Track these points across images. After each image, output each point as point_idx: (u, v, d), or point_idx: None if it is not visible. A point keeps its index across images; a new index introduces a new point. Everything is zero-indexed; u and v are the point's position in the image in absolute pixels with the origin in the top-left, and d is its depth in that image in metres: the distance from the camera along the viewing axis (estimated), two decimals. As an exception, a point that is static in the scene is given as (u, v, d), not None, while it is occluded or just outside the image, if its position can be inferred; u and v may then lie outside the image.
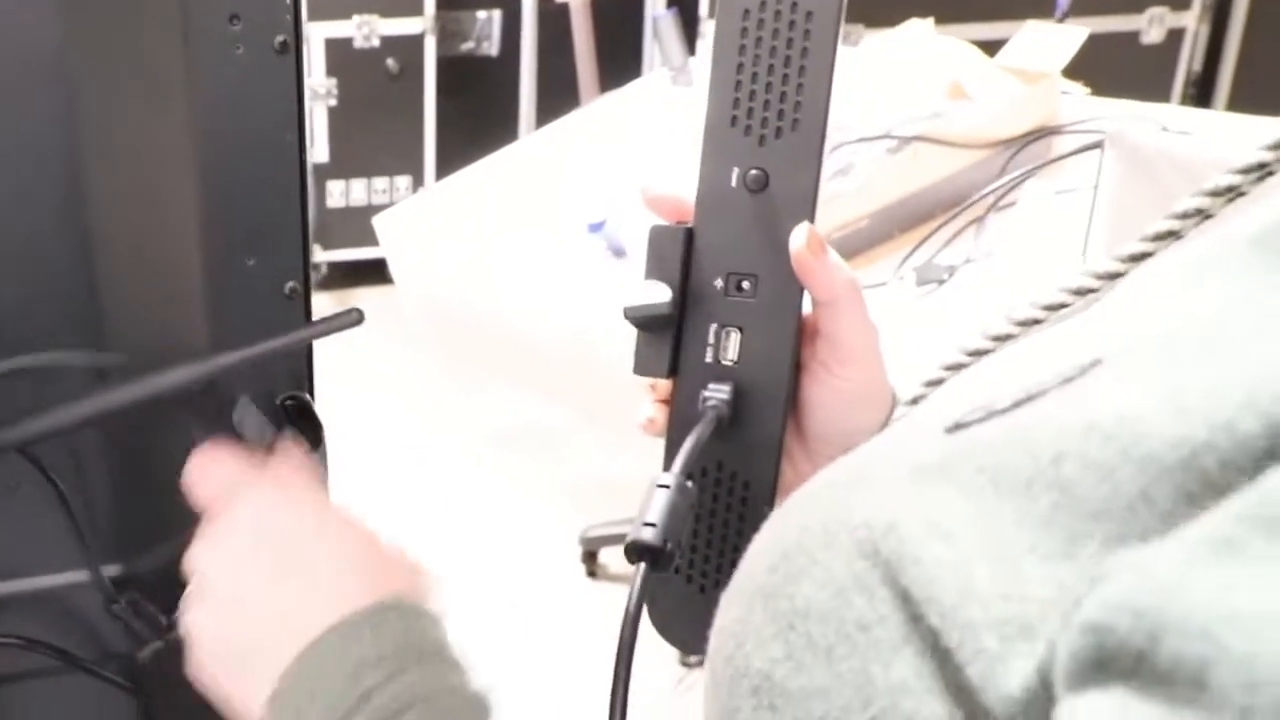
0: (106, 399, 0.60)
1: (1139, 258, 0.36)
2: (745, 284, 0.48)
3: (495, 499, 2.41)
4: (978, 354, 0.40)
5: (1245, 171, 0.35)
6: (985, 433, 0.28)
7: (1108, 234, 0.88)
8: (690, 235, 0.47)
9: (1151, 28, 3.22)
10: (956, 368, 0.41)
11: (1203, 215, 0.35)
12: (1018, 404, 0.29)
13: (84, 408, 0.60)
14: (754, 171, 0.45)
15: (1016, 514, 0.25)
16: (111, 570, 0.71)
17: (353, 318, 0.60)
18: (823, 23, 0.44)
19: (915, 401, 0.42)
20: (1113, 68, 2.35)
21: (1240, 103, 3.31)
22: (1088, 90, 1.46)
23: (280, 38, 0.65)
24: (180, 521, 0.74)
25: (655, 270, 0.48)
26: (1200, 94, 3.39)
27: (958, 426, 0.30)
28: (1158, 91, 3.21)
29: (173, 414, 0.66)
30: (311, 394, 0.71)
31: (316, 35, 3.18)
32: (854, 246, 1.22)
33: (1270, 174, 0.34)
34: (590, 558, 2.17)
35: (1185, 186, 0.85)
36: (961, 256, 1.17)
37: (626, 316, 0.47)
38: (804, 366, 0.48)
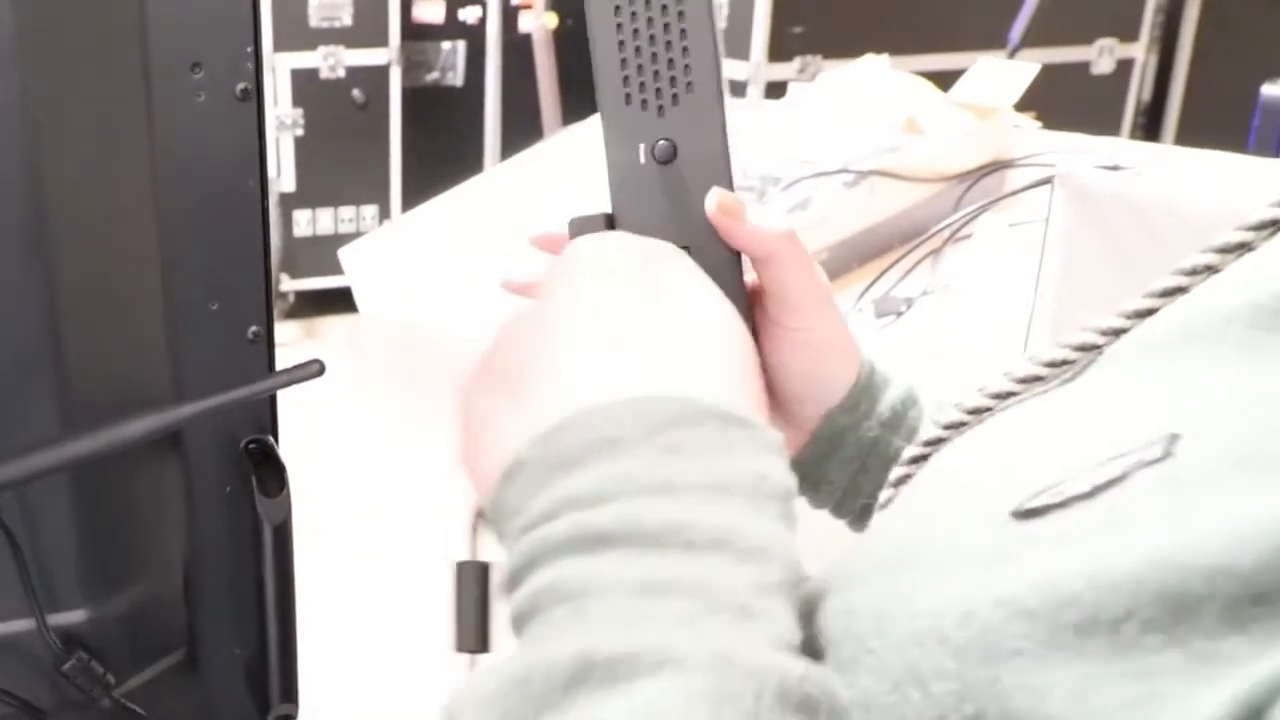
0: (70, 449, 0.60)
1: (1144, 314, 0.35)
2: None
3: (460, 526, 2.40)
4: (1001, 397, 0.38)
5: (1257, 228, 0.34)
6: (1069, 523, 0.27)
7: (1059, 270, 0.91)
8: (611, 220, 0.44)
9: (1101, 58, 3.30)
10: (979, 411, 0.38)
11: (1211, 271, 0.34)
12: (1098, 489, 0.27)
13: (47, 458, 0.60)
14: (661, 143, 0.43)
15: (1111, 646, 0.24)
16: (76, 616, 0.71)
17: (313, 369, 0.60)
18: None
19: (932, 444, 0.39)
20: (1064, 98, 2.41)
21: (1189, 129, 3.40)
22: (1039, 123, 1.50)
23: (241, 85, 0.66)
24: (142, 567, 0.74)
25: None
26: (1150, 123, 3.47)
27: (1030, 513, 0.28)
28: (1109, 121, 3.29)
29: (135, 462, 0.66)
30: (275, 436, 0.72)
31: (282, 66, 3.18)
32: (814, 279, 1.24)
33: None
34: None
35: (1132, 225, 0.88)
36: (919, 289, 1.19)
37: None
38: (760, 329, 0.45)
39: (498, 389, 0.35)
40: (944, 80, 1.50)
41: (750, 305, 0.46)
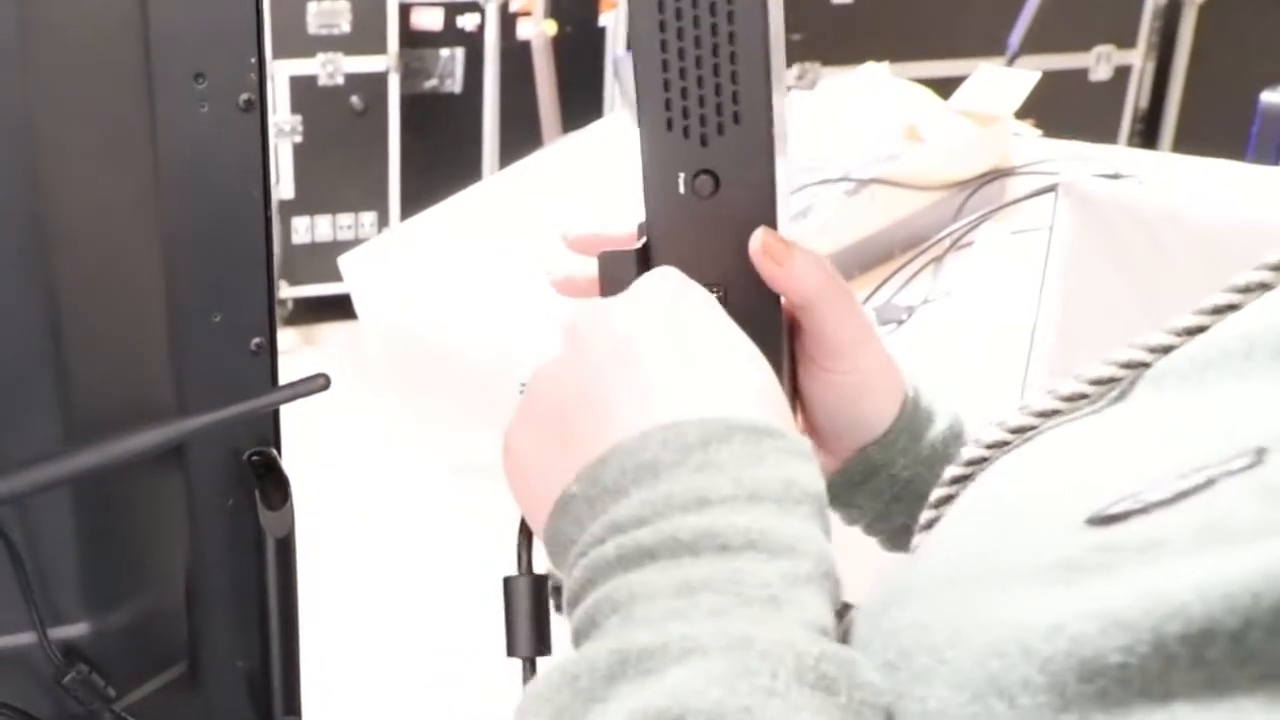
0: (72, 462, 0.60)
1: (1194, 331, 0.35)
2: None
3: (462, 533, 2.40)
4: (1046, 415, 0.38)
5: None
6: (1153, 530, 0.26)
7: (1063, 278, 0.91)
8: (644, 256, 0.43)
9: (1099, 65, 3.31)
10: (1023, 430, 0.38)
11: (1265, 289, 0.34)
12: (1181, 495, 0.27)
13: (49, 471, 0.60)
14: (701, 175, 0.41)
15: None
16: (78, 629, 0.71)
17: (319, 383, 0.60)
18: (748, 2, 0.40)
19: (974, 463, 0.39)
20: (1063, 105, 2.41)
21: (1187, 136, 3.40)
22: (1039, 131, 1.50)
23: (245, 96, 0.66)
24: (144, 580, 0.74)
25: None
26: (1148, 129, 3.48)
27: (1108, 519, 0.28)
28: (1107, 127, 3.30)
29: (137, 475, 0.65)
30: (278, 449, 0.71)
31: (281, 73, 3.18)
32: (815, 287, 1.24)
33: None
34: (559, 591, 2.16)
35: (1135, 233, 0.88)
36: (920, 297, 1.19)
37: None
38: (799, 365, 0.45)
39: (544, 432, 0.37)
40: (944, 87, 1.50)
41: (790, 342, 0.44)
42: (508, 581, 0.44)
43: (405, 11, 3.25)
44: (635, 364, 0.36)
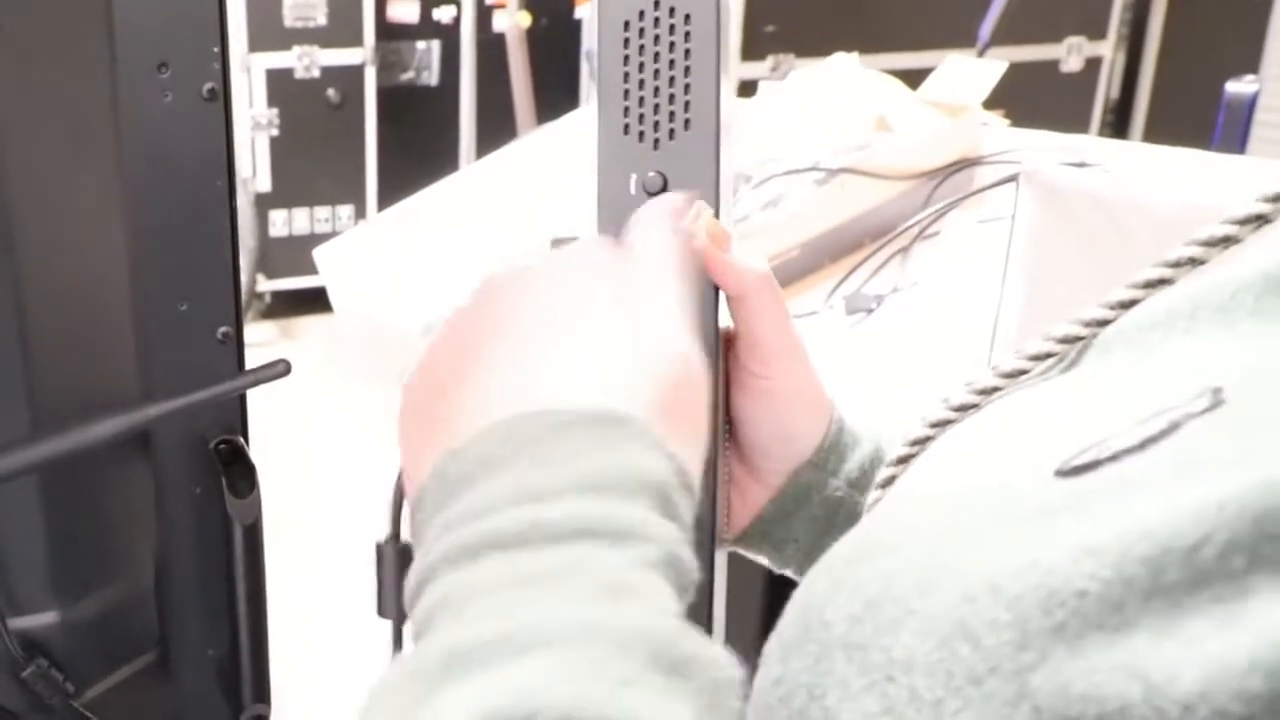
0: (38, 450, 0.60)
1: (1127, 305, 0.36)
2: None
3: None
4: (986, 392, 0.39)
5: (1243, 223, 0.34)
6: (1125, 474, 0.27)
7: (1025, 267, 0.92)
8: None
9: (1070, 57, 3.33)
10: (965, 408, 0.39)
11: (1195, 264, 0.35)
12: (1149, 441, 0.27)
13: (14, 459, 0.60)
14: (651, 174, 0.44)
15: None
16: (47, 619, 0.71)
17: (280, 369, 0.60)
18: (702, 22, 0.44)
19: (919, 443, 0.40)
20: (1034, 96, 2.43)
21: (1157, 126, 3.43)
22: (1007, 121, 1.51)
23: (209, 85, 0.66)
24: (113, 569, 0.74)
25: None
26: (1118, 120, 3.51)
27: (1077, 469, 0.28)
28: (1077, 118, 3.32)
29: (104, 463, 0.65)
30: (245, 437, 0.72)
31: (257, 66, 3.17)
32: (785, 276, 1.25)
33: (1268, 223, 0.35)
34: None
35: (1098, 221, 0.89)
36: (889, 285, 1.20)
37: None
38: (730, 377, 0.45)
39: (422, 410, 0.36)
40: (914, 78, 1.51)
41: (724, 351, 0.46)
42: (380, 546, 0.45)
43: (381, 4, 3.24)
44: (520, 338, 0.35)
